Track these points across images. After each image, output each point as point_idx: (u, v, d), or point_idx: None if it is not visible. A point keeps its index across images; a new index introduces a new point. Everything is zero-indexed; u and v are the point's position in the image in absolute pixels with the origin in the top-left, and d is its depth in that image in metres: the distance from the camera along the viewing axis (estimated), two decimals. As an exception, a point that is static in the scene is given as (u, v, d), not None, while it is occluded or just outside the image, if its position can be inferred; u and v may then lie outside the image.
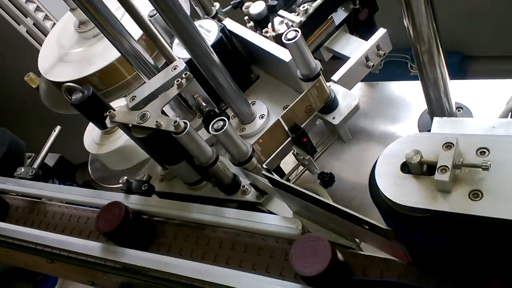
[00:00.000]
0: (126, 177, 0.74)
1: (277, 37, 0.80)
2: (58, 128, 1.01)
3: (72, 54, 0.96)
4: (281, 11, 0.83)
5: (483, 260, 0.43)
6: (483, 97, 0.85)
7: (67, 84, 0.78)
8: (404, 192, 0.39)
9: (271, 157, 0.70)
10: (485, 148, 0.38)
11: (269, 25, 0.81)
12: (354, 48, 0.81)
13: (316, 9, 0.81)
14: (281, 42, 0.67)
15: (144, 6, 0.69)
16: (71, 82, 0.80)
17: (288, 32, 0.65)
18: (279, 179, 0.54)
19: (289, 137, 0.70)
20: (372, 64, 0.78)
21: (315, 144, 0.74)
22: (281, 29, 0.80)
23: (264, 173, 0.58)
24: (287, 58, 0.72)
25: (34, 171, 0.91)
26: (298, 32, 0.64)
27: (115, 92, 0.93)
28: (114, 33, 0.66)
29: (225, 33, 0.79)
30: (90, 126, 0.91)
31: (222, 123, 0.60)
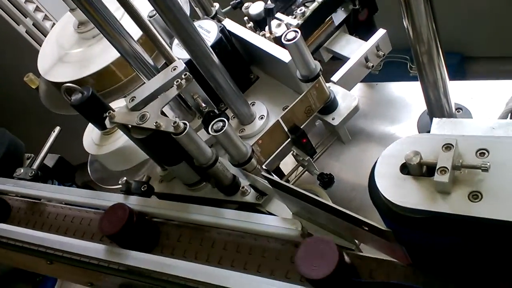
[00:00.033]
0: (125, 178, 0.74)
1: (277, 38, 0.80)
2: (57, 128, 1.01)
3: (71, 55, 0.96)
4: (278, 14, 0.83)
5: (483, 262, 0.43)
6: (483, 98, 0.85)
7: (66, 84, 0.78)
8: (403, 193, 0.39)
9: (271, 158, 0.70)
10: (484, 149, 0.38)
11: (266, 28, 0.81)
12: (354, 49, 0.82)
13: (313, 11, 0.81)
14: (281, 43, 0.67)
15: (144, 7, 0.69)
16: (70, 82, 0.80)
17: (288, 32, 0.65)
18: (278, 180, 0.54)
19: (289, 138, 0.70)
20: (372, 64, 0.78)
21: (314, 145, 0.75)
22: (279, 32, 0.80)
23: (263, 174, 0.58)
24: (286, 58, 0.72)
25: (33, 172, 0.90)
26: (297, 32, 0.64)
27: (115, 93, 0.93)
28: (113, 33, 0.66)
29: (225, 33, 0.79)
30: (90, 126, 0.91)
31: (221, 123, 0.60)
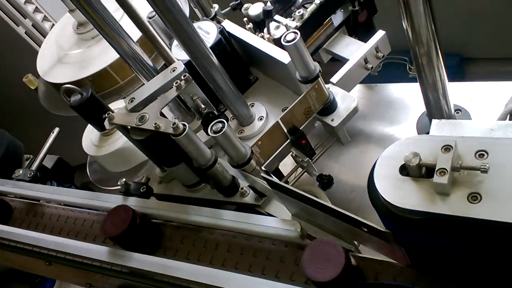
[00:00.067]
0: (124, 179, 0.73)
1: (276, 40, 0.80)
2: (56, 129, 1.01)
3: (71, 56, 0.96)
4: (277, 16, 0.83)
5: (483, 263, 0.43)
6: (482, 99, 0.85)
7: (65, 85, 0.78)
8: (402, 194, 0.39)
9: (270, 159, 0.70)
10: (483, 151, 0.38)
11: (265, 30, 0.81)
12: (353, 50, 0.82)
13: (312, 14, 0.81)
14: (280, 45, 0.67)
15: (143, 8, 0.69)
16: (69, 83, 0.80)
17: (287, 34, 0.65)
18: (277, 181, 0.54)
19: (288, 139, 0.70)
20: (371, 66, 0.78)
21: (314, 146, 0.75)
22: (277, 33, 0.80)
23: (262, 175, 0.58)
24: (286, 60, 0.72)
25: (32, 173, 0.90)
26: (297, 34, 0.64)
27: (115, 94, 0.92)
28: (112, 34, 0.66)
29: (224, 34, 0.79)
30: (89, 128, 0.91)
31: (221, 125, 0.60)
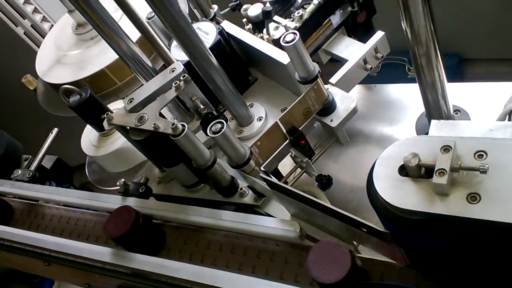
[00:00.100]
0: (123, 180, 0.73)
1: (275, 40, 0.80)
2: (55, 130, 1.00)
3: (69, 56, 0.96)
4: (276, 17, 0.83)
5: (482, 263, 0.43)
6: (481, 100, 0.85)
7: (64, 86, 0.78)
8: (402, 195, 0.39)
9: (269, 159, 0.70)
10: (482, 151, 0.38)
11: (264, 30, 0.81)
12: (352, 51, 0.82)
13: (311, 14, 0.81)
14: (279, 45, 0.67)
15: (142, 8, 0.68)
16: (68, 84, 0.80)
17: (287, 34, 0.65)
18: (276, 182, 0.54)
19: (287, 140, 0.70)
20: (370, 66, 0.78)
21: (313, 147, 0.75)
22: (277, 34, 0.80)
23: (261, 175, 0.58)
24: (285, 60, 0.72)
25: (31, 173, 0.90)
26: (296, 34, 0.64)
27: (114, 94, 0.92)
28: (111, 35, 0.66)
29: (223, 35, 0.79)
30: (88, 128, 0.91)
31: (220, 125, 0.60)
